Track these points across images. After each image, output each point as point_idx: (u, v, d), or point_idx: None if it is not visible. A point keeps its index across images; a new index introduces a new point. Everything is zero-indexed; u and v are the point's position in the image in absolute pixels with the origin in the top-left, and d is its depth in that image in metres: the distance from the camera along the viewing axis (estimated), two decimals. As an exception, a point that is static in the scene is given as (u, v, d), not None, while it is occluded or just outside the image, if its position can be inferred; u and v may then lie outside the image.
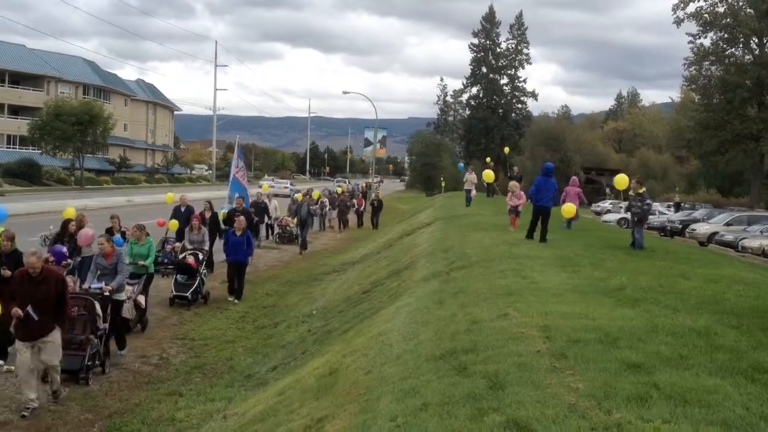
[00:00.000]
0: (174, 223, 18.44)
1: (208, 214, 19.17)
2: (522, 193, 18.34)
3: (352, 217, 37.98)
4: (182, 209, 19.47)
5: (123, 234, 14.31)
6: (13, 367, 9.30)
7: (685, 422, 4.13)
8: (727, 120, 48.91)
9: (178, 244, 17.12)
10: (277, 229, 27.93)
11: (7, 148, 77.15)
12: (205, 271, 15.72)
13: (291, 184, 66.54)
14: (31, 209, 34.97)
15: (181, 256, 15.82)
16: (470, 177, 29.54)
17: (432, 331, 7.09)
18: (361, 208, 38.70)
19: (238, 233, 15.61)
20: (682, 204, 49.41)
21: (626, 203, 16.55)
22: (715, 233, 31.85)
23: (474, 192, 29.62)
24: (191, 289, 14.77)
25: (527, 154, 76.62)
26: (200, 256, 15.58)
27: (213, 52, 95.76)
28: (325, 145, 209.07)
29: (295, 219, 26.51)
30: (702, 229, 34.27)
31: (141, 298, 12.36)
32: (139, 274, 12.65)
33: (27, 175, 61.17)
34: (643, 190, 14.96)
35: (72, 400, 8.98)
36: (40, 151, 67.37)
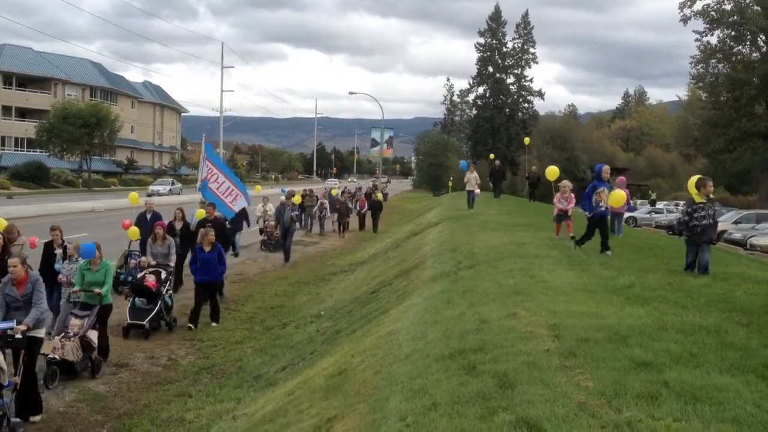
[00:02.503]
0: (134, 232, 15.60)
1: (179, 225, 16.19)
2: (573, 195, 15.68)
3: (355, 220, 36.33)
4: (148, 216, 16.72)
5: (65, 249, 12.11)
6: None
7: (696, 420, 4.11)
8: (734, 118, 48.75)
9: (144, 259, 14.10)
10: (262, 236, 25.68)
11: (15, 150, 77.64)
12: (170, 292, 13.37)
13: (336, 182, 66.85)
14: (39, 211, 35.16)
15: (139, 275, 13.47)
16: (472, 176, 25.99)
17: (440, 330, 7.08)
18: (363, 210, 36.41)
19: (207, 248, 13.27)
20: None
21: (679, 209, 12.50)
22: (723, 231, 31.75)
23: (478, 192, 26.97)
24: (150, 316, 12.43)
25: (534, 153, 76.46)
26: (163, 275, 13.20)
27: (216, 53, 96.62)
28: (331, 146, 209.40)
29: (278, 226, 23.57)
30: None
31: (92, 335, 10.24)
32: (91, 305, 10.59)
33: (35, 178, 61.56)
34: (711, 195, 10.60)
35: (81, 402, 9.02)
36: (47, 154, 67.82)
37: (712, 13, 49.03)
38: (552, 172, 17.54)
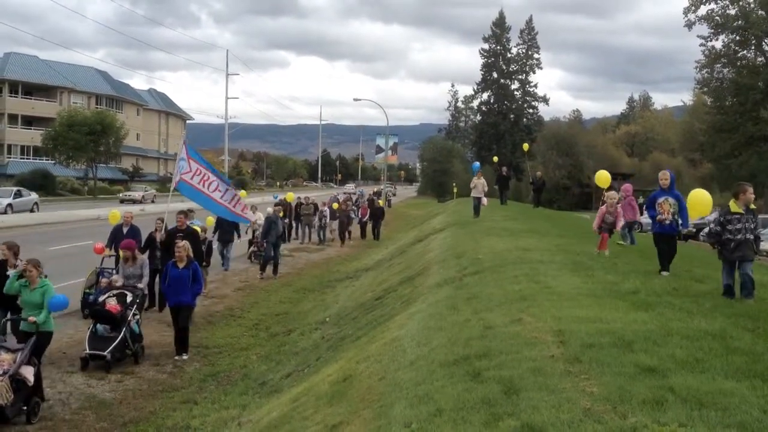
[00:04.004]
0: (115, 215, 14.59)
1: (159, 236, 14.63)
2: (621, 211, 13.27)
3: (356, 228, 34.70)
4: (125, 230, 15.34)
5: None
6: None
7: (702, 425, 4.10)
8: (739, 123, 48.74)
9: (115, 278, 12.66)
10: (252, 248, 23.62)
11: (21, 158, 77.96)
12: (137, 317, 11.67)
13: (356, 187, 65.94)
14: (45, 219, 35.28)
15: (101, 298, 11.78)
16: (479, 182, 24.03)
17: (445, 336, 7.07)
18: (364, 218, 34.80)
19: (180, 265, 11.54)
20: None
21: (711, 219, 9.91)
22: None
23: (485, 201, 24.80)
24: (113, 345, 10.73)
25: (539, 159, 76.41)
26: (128, 297, 11.58)
27: (219, 60, 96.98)
28: (336, 152, 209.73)
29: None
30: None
31: (27, 371, 8.54)
32: (29, 333, 9.16)
33: (41, 186, 61.72)
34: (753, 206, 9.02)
35: (87, 409, 9.03)
36: (53, 162, 67.95)
37: (717, 18, 49.09)
38: (603, 178, 15.61)
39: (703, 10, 49.86)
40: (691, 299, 8.19)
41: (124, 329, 11.00)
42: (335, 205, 33.18)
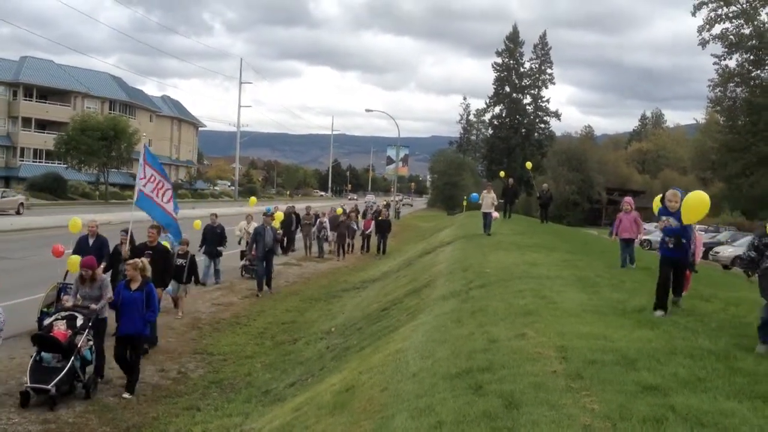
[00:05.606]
0: (74, 262, 12.05)
1: (124, 250, 12.98)
2: (700, 238, 10.80)
3: (358, 241, 33.48)
4: (90, 241, 13.82)
5: None
6: None
7: (701, 445, 4.10)
8: (752, 142, 48.59)
9: (66, 298, 10.84)
10: (243, 261, 21.90)
11: (33, 162, 78.48)
12: (90, 343, 9.93)
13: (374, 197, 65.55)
14: (55, 222, 35.42)
15: (47, 321, 10.13)
16: (489, 196, 23.00)
17: (449, 349, 7.09)
18: (368, 231, 33.00)
19: (134, 286, 9.88)
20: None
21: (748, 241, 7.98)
22: (738, 256, 31.52)
23: (496, 215, 23.83)
24: (59, 377, 9.15)
25: (549, 174, 76.36)
26: (79, 321, 9.86)
27: (231, 69, 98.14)
28: (346, 163, 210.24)
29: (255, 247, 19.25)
30: (726, 252, 33.96)
31: None
32: None
33: (52, 189, 62.13)
34: None
35: (91, 413, 9.06)
36: (65, 166, 68.37)
37: (731, 37, 49.06)
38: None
39: (717, 28, 49.89)
40: (697, 318, 8.17)
41: (72, 358, 9.40)
42: (339, 211, 32.51)
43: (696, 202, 8.28)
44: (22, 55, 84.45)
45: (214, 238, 19.62)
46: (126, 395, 9.79)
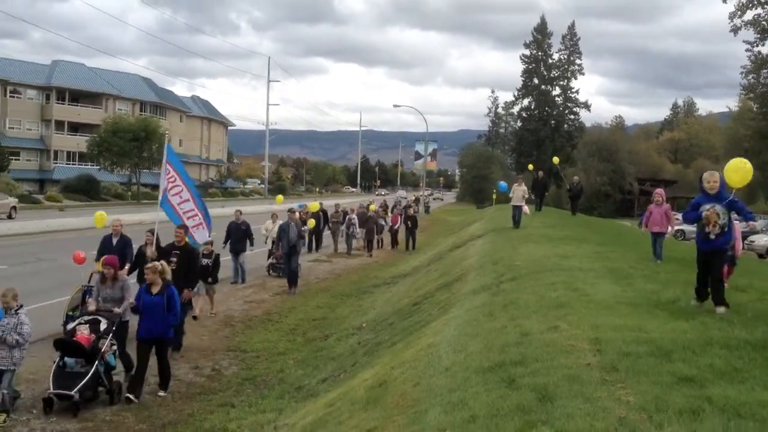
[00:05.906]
0: (100, 263, 11.62)
1: (149, 251, 12.46)
2: (738, 228, 10.09)
3: (387, 237, 33.81)
4: (114, 240, 13.61)
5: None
6: None
7: (739, 437, 4.03)
8: (786, 129, 47.72)
9: (89, 301, 10.75)
10: (270, 259, 21.84)
11: (67, 164, 79.72)
12: (114, 348, 9.85)
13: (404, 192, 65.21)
14: (89, 224, 35.88)
15: (70, 326, 10.17)
16: (519, 189, 22.65)
17: (481, 343, 7.05)
18: (396, 226, 33.25)
19: (154, 290, 9.75)
20: None
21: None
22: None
23: (526, 209, 23.44)
24: (83, 383, 9.02)
25: (580, 166, 75.70)
26: (103, 325, 9.75)
27: (258, 67, 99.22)
28: (375, 158, 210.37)
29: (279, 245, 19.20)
30: (761, 240, 33.43)
31: None
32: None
33: (86, 191, 63.05)
34: None
35: (127, 411, 9.18)
36: (98, 167, 69.32)
37: (764, 22, 48.17)
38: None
39: (749, 14, 49.01)
40: (733, 308, 8.03)
41: (96, 363, 9.27)
42: (371, 207, 32.51)
43: (738, 162, 7.81)
44: (53, 59, 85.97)
45: (238, 235, 19.37)
46: (161, 393, 9.91)
